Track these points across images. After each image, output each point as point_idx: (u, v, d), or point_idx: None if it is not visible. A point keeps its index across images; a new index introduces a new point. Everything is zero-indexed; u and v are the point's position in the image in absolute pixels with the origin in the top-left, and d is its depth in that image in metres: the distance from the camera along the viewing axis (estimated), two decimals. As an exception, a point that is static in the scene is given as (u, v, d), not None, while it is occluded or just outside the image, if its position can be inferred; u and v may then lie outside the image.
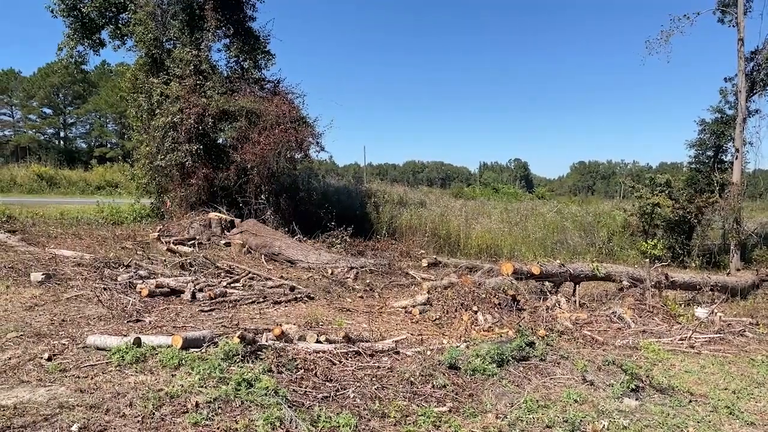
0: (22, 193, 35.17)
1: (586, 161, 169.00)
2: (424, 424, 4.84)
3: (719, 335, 9.23)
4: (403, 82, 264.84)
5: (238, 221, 16.31)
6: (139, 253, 12.37)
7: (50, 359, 5.76)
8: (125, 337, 6.31)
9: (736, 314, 11.23)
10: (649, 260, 11.85)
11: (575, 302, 10.91)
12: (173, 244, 13.49)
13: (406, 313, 9.71)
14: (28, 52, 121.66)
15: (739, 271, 18.04)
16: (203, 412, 4.59)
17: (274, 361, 5.78)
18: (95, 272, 10.08)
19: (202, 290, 9.67)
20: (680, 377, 6.93)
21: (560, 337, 8.35)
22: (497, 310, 9.14)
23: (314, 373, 5.74)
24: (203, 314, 8.52)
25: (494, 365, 6.41)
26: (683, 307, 11.20)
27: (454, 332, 8.36)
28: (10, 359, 5.73)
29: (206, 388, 5.06)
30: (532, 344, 7.26)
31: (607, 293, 12.29)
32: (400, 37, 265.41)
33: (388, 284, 12.55)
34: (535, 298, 10.52)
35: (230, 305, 9.20)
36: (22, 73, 75.94)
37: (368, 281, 12.47)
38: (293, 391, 5.24)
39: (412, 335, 8.17)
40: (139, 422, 4.42)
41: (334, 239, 16.60)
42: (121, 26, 20.43)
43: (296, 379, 5.55)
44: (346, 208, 21.43)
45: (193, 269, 11.30)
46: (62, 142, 78.36)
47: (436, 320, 9.14)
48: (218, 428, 4.39)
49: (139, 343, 6.09)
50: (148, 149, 17.99)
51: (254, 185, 17.38)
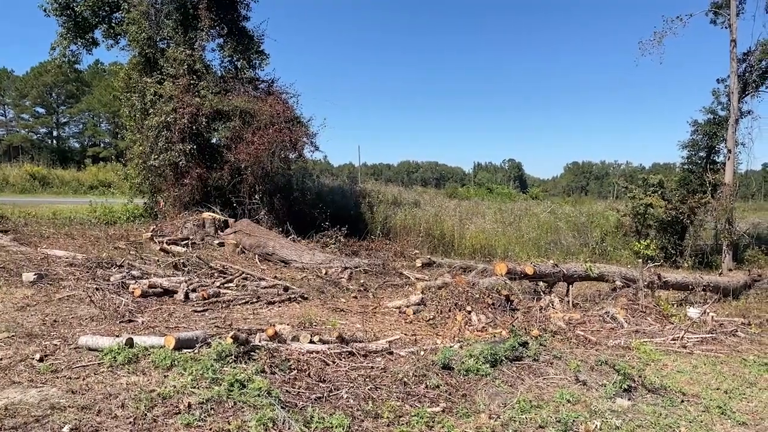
0: (14, 192, 34.95)
1: (579, 162, 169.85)
2: (417, 424, 4.84)
3: (711, 335, 9.28)
4: (397, 81, 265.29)
5: (231, 221, 16.28)
6: (132, 253, 12.32)
7: (42, 360, 5.73)
8: (117, 337, 6.28)
9: (728, 314, 11.29)
10: (641, 260, 11.88)
11: (568, 302, 10.95)
12: (166, 244, 13.45)
13: (400, 313, 9.72)
14: (21, 51, 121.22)
15: (731, 271, 18.13)
16: (196, 413, 4.58)
17: (267, 361, 5.77)
18: (88, 272, 10.03)
19: (195, 290, 9.64)
20: (672, 377, 6.96)
21: (553, 337, 8.38)
22: (491, 310, 9.16)
23: (307, 373, 5.73)
24: (196, 314, 8.50)
25: (487, 365, 6.42)
26: (676, 307, 11.25)
27: (447, 332, 8.37)
28: (1, 360, 5.69)
29: (199, 388, 5.04)
30: (525, 344, 7.28)
31: (600, 293, 12.34)
32: (394, 36, 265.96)
33: (382, 284, 12.55)
34: (528, 298, 10.55)
35: (223, 305, 9.19)
36: (14, 72, 75.87)
37: (362, 281, 12.47)
38: (286, 391, 5.23)
39: (405, 335, 8.18)
40: (131, 423, 4.40)
41: (328, 239, 16.57)
42: (114, 25, 20.34)
43: (289, 379, 5.54)
44: (340, 208, 21.39)
45: (186, 269, 11.27)
46: (55, 141, 77.98)
47: (429, 320, 9.16)
48: (211, 429, 4.37)
49: (131, 343, 6.07)
50: (141, 149, 17.93)
51: (248, 185, 17.34)
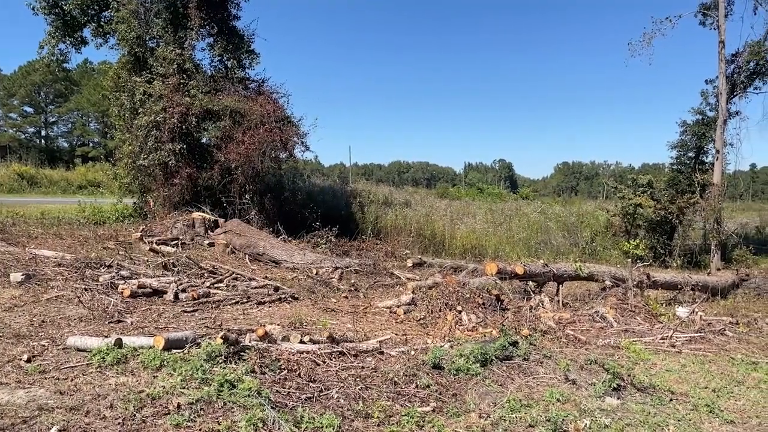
0: (2, 192, 34.63)
1: (569, 162, 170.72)
2: (407, 424, 4.84)
3: (700, 334, 9.34)
4: (388, 81, 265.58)
5: (222, 221, 16.21)
6: (121, 253, 12.24)
7: (29, 361, 5.68)
8: (106, 338, 6.24)
9: (716, 313, 11.37)
10: (631, 260, 11.94)
11: (558, 302, 10.98)
12: (156, 244, 13.37)
13: (390, 313, 9.72)
14: (8, 49, 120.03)
15: (719, 270, 18.25)
16: (185, 413, 4.55)
17: (257, 361, 5.75)
18: (76, 272, 9.94)
19: (185, 291, 9.60)
20: (661, 376, 7.00)
21: (543, 336, 8.40)
22: (481, 309, 9.18)
23: (298, 373, 5.72)
24: (186, 315, 8.46)
25: (478, 365, 6.43)
26: (665, 306, 11.32)
27: (438, 332, 8.38)
28: (-12, 361, 5.64)
29: (188, 389, 5.02)
30: (515, 344, 7.30)
31: (590, 293, 12.39)
32: (384, 36, 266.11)
33: (373, 284, 12.54)
34: (519, 297, 10.58)
35: (213, 306, 9.15)
36: (2, 71, 75.03)
37: (353, 281, 12.46)
38: (276, 392, 5.21)
39: (396, 335, 8.18)
40: (119, 424, 4.37)
41: (319, 239, 16.54)
42: (103, 24, 20.19)
43: (279, 379, 5.52)
44: (331, 208, 21.38)
45: (176, 269, 11.20)
46: (43, 141, 77.28)
47: (420, 320, 9.17)
48: (200, 430, 4.35)
49: (120, 344, 6.02)
50: (130, 148, 17.81)
51: (238, 185, 17.28)
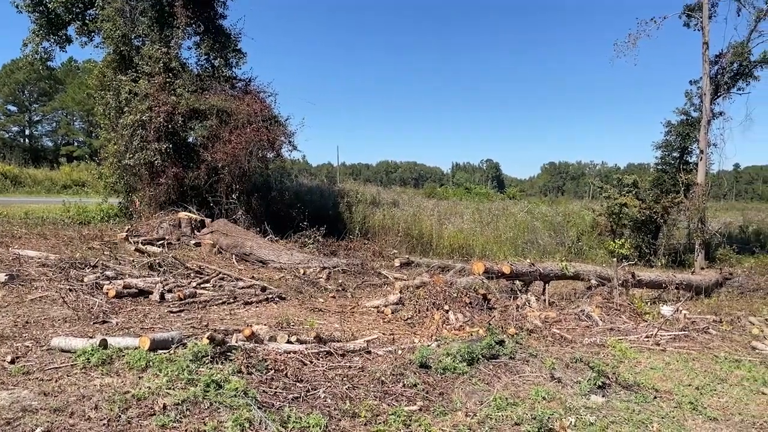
0: (-15, 192, 34.23)
1: (556, 162, 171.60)
2: (394, 423, 4.85)
3: (684, 332, 9.45)
4: (376, 81, 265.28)
5: (208, 221, 16.12)
6: (106, 253, 12.13)
7: (13, 362, 5.62)
8: (91, 338, 6.19)
9: (700, 312, 11.49)
10: (616, 259, 12.07)
11: (545, 301, 11.06)
12: (142, 244, 13.27)
13: (378, 312, 9.74)
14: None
15: (703, 269, 18.47)
16: (171, 414, 4.53)
17: (243, 362, 5.72)
18: (61, 273, 9.85)
19: (171, 291, 9.54)
20: (646, 374, 7.08)
21: (530, 335, 8.46)
22: (468, 309, 9.22)
23: (285, 373, 5.71)
24: (172, 315, 8.41)
25: (464, 364, 6.46)
26: (649, 305, 11.43)
27: (425, 331, 8.40)
28: (-30, 363, 5.57)
29: (174, 389, 4.99)
30: (501, 343, 7.33)
31: (575, 292, 12.48)
32: (372, 36, 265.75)
33: (360, 284, 12.55)
34: (505, 297, 10.65)
35: (200, 306, 9.11)
36: (-15, 68, 73.97)
37: (341, 281, 12.46)
38: (263, 392, 5.20)
39: (383, 335, 8.20)
40: (104, 425, 4.34)
41: (306, 239, 16.51)
42: (88, 22, 20.00)
43: (266, 379, 5.51)
44: (318, 207, 21.35)
45: (162, 270, 11.13)
46: (27, 140, 76.31)
47: (408, 319, 9.19)
48: (186, 430, 4.33)
49: (105, 344, 5.98)
50: (116, 148, 17.65)
51: (225, 185, 17.19)
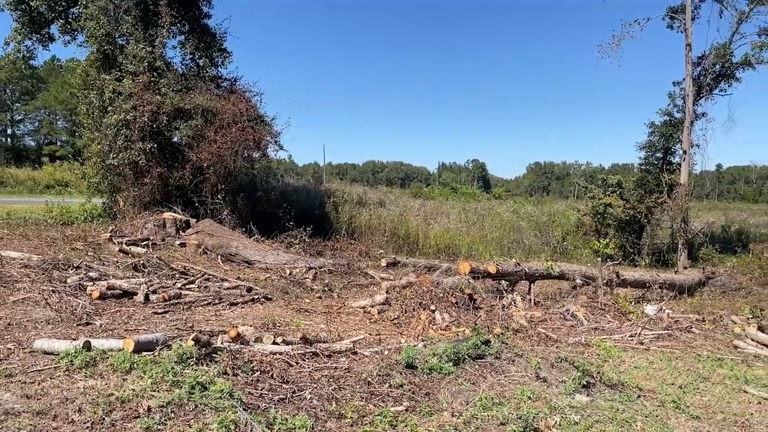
0: (-35, 192, 33.77)
1: (541, 162, 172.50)
2: (380, 423, 4.86)
3: (667, 332, 9.55)
4: (362, 81, 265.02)
5: (193, 221, 16.02)
6: (89, 254, 12.01)
7: (-6, 365, 5.55)
8: (74, 340, 6.12)
9: (683, 311, 11.62)
10: (601, 259, 12.16)
11: (530, 300, 11.12)
12: (126, 244, 13.16)
13: (364, 313, 9.74)
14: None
15: (686, 269, 18.69)
16: (155, 416, 4.50)
17: (229, 363, 5.69)
18: (43, 274, 9.73)
19: (155, 292, 9.47)
20: (630, 373, 7.15)
21: (515, 335, 8.50)
22: (455, 309, 9.25)
23: (270, 375, 5.69)
24: (157, 316, 8.35)
25: (450, 364, 6.48)
26: (633, 304, 11.54)
27: (412, 331, 8.41)
28: (-50, 366, 5.49)
29: (159, 392, 4.95)
30: (487, 342, 7.36)
31: (561, 291, 12.58)
32: (358, 36, 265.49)
33: (347, 284, 12.54)
34: (491, 296, 10.70)
35: (185, 307, 9.04)
36: (-35, 67, 72.98)
37: (327, 281, 12.44)
38: (249, 393, 5.18)
39: (370, 335, 8.20)
40: (88, 428, 4.30)
41: (292, 239, 16.47)
42: (71, 21, 19.77)
43: (252, 381, 5.49)
44: (305, 207, 21.29)
45: (146, 270, 11.05)
46: (9, 139, 75.43)
47: (394, 320, 9.19)
48: (171, 433, 4.31)
49: (88, 346, 5.92)
50: (99, 147, 17.48)
51: (210, 185, 17.09)
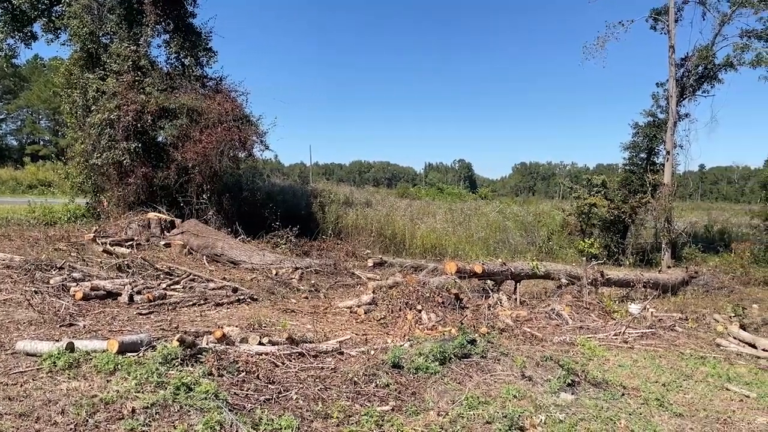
0: (-55, 192, 33.27)
1: (527, 162, 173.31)
2: (366, 423, 4.86)
3: (651, 330, 9.66)
4: (349, 81, 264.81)
5: (178, 221, 15.91)
6: (73, 254, 11.89)
7: (-25, 367, 5.48)
8: (57, 342, 6.06)
9: (666, 310, 11.75)
10: (586, 259, 12.27)
11: (516, 300, 11.18)
12: (110, 245, 13.03)
13: (351, 313, 9.72)
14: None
15: (669, 268, 18.87)
16: (140, 417, 4.47)
17: (214, 364, 5.66)
18: (26, 275, 9.61)
19: (140, 293, 9.40)
20: (614, 371, 7.22)
21: (501, 334, 8.55)
22: (441, 308, 9.27)
23: (256, 375, 5.67)
24: (141, 317, 8.29)
25: (437, 363, 6.49)
26: (618, 303, 11.62)
27: (398, 331, 8.42)
28: (-70, 368, 5.41)
29: (143, 393, 4.92)
30: (473, 342, 7.39)
31: (546, 291, 12.65)
32: (347, 36, 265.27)
33: (333, 284, 12.52)
34: (477, 296, 10.74)
35: (170, 308, 8.99)
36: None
37: (313, 282, 12.41)
38: (234, 394, 5.16)
39: (356, 335, 8.19)
40: (71, 430, 4.26)
41: (278, 239, 16.42)
42: (54, 19, 19.54)
43: (237, 381, 5.46)
44: (291, 207, 21.23)
45: (130, 271, 10.96)
46: (-9, 139, 74.46)
47: (380, 320, 9.19)
48: (156, 434, 4.28)
49: (72, 348, 5.86)
50: (83, 147, 17.31)
51: (196, 185, 16.97)
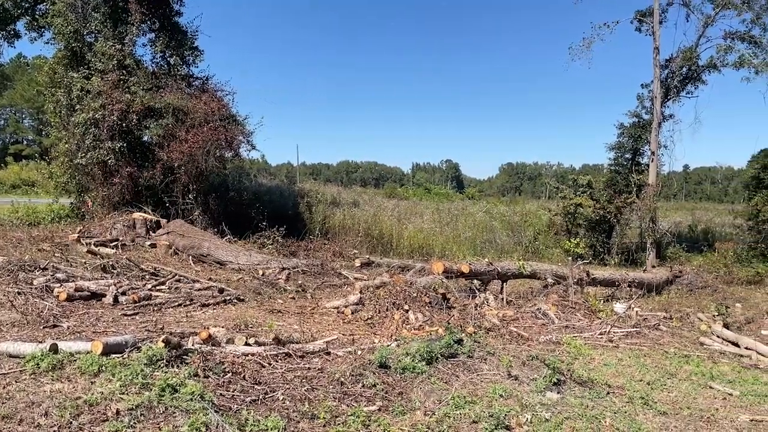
0: (-74, 192, 32.81)
1: (513, 162, 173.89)
2: (353, 423, 4.86)
3: (636, 329, 9.74)
4: (336, 81, 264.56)
5: (164, 222, 15.79)
6: (57, 255, 11.77)
7: (-44, 369, 5.41)
8: (41, 343, 6.00)
9: (651, 309, 11.85)
10: (571, 258, 12.36)
11: (503, 299, 11.23)
12: (94, 245, 12.92)
13: (338, 313, 9.71)
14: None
15: (654, 267, 19.05)
16: (124, 419, 4.43)
17: (200, 365, 5.63)
18: (9, 276, 9.50)
19: (125, 293, 9.33)
20: (599, 370, 7.27)
21: (488, 333, 8.58)
22: (428, 308, 9.29)
23: (242, 376, 5.64)
24: (126, 318, 8.22)
25: (423, 363, 6.50)
26: (603, 302, 11.72)
27: (385, 331, 8.42)
28: None
29: (128, 394, 4.88)
30: (460, 341, 7.42)
31: (532, 290, 12.72)
32: (333, 37, 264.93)
33: (320, 285, 12.49)
34: (464, 296, 10.77)
35: (155, 309, 8.93)
36: (-73, 63, 70.76)
37: (300, 282, 12.38)
38: (220, 395, 5.13)
39: (343, 335, 8.18)
40: (54, 432, 4.22)
41: (265, 240, 16.37)
42: (38, 17, 19.38)
43: (224, 382, 5.44)
44: (278, 208, 21.17)
45: (115, 272, 10.87)
46: (-27, 138, 73.63)
47: (368, 320, 9.19)
48: (140, 436, 4.25)
49: (55, 349, 5.81)
50: (67, 146, 17.16)
51: (182, 184, 16.87)
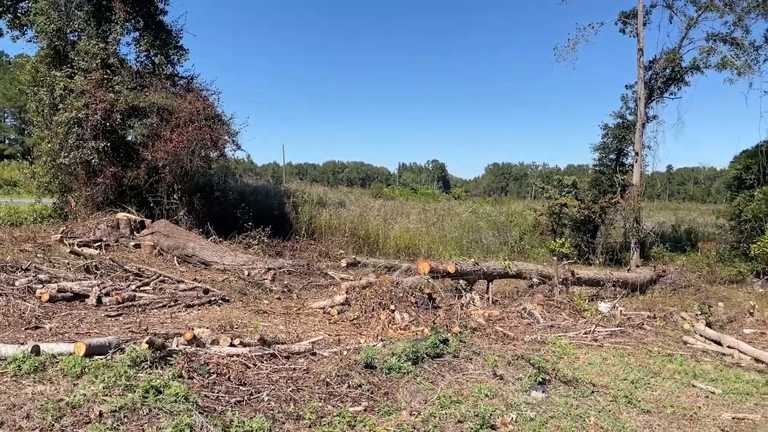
0: None
1: (499, 163, 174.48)
2: (339, 424, 4.85)
3: (620, 328, 9.82)
4: (324, 81, 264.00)
5: (148, 222, 15.68)
6: (39, 255, 11.62)
7: (-65, 372, 5.32)
8: (22, 345, 5.93)
9: (635, 308, 11.95)
10: (557, 258, 12.43)
11: (488, 299, 11.27)
12: (78, 246, 12.77)
13: (324, 313, 9.69)
14: None
15: (638, 267, 19.21)
16: (107, 421, 4.39)
17: (184, 366, 5.59)
18: (-11, 277, 9.39)
19: (108, 294, 9.24)
20: (584, 369, 7.32)
21: (473, 333, 8.61)
22: (414, 308, 9.30)
23: (227, 377, 5.61)
24: (110, 319, 8.14)
25: (409, 363, 6.51)
26: (588, 302, 11.79)
27: (371, 331, 8.42)
28: None
29: (111, 396, 4.83)
30: (446, 341, 7.43)
31: (518, 290, 12.77)
32: (321, 36, 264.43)
33: (306, 285, 12.47)
34: (450, 295, 10.79)
35: (139, 309, 8.85)
36: None
37: (286, 282, 12.34)
38: (205, 396, 5.10)
39: (329, 336, 8.17)
40: (36, 435, 4.17)
41: (251, 240, 16.30)
42: (20, 15, 19.13)
43: (208, 384, 5.40)
44: (264, 208, 21.09)
45: (99, 272, 10.77)
46: (-47, 137, 72.40)
47: (354, 320, 9.18)
48: (124, 438, 4.21)
49: (37, 351, 5.74)
50: (50, 146, 16.98)
51: (166, 184, 16.76)
